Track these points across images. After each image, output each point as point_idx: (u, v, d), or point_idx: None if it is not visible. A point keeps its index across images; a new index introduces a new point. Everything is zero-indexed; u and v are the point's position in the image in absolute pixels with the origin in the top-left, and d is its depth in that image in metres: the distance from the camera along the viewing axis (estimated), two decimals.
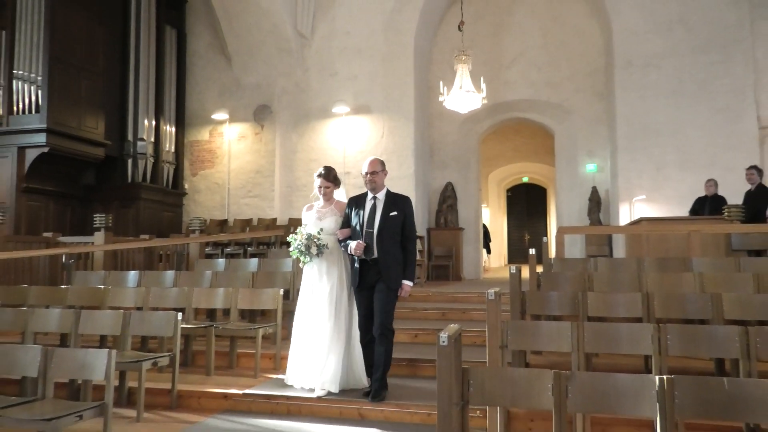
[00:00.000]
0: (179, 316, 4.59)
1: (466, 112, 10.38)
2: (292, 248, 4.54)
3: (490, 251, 16.98)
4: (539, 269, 5.74)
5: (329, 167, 4.77)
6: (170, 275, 6.41)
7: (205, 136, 12.14)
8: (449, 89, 9.77)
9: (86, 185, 11.05)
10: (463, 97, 9.68)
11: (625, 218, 10.09)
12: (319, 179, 4.68)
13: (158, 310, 5.26)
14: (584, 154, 11.63)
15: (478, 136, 12.69)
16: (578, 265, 6.03)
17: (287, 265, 6.50)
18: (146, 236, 9.16)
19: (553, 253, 7.47)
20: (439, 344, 2.57)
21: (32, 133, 9.42)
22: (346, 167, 10.95)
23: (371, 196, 4.50)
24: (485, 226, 15.33)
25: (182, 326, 4.75)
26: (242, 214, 11.65)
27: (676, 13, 10.27)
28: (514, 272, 4.80)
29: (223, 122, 11.95)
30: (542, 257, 6.18)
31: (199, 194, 12.09)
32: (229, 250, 10.12)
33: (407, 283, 4.41)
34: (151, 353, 4.80)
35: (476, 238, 12.63)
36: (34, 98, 9.50)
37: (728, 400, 2.41)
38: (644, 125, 10.24)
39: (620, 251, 9.66)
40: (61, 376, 3.80)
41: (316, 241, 4.47)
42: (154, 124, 11.39)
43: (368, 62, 11.35)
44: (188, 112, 12.25)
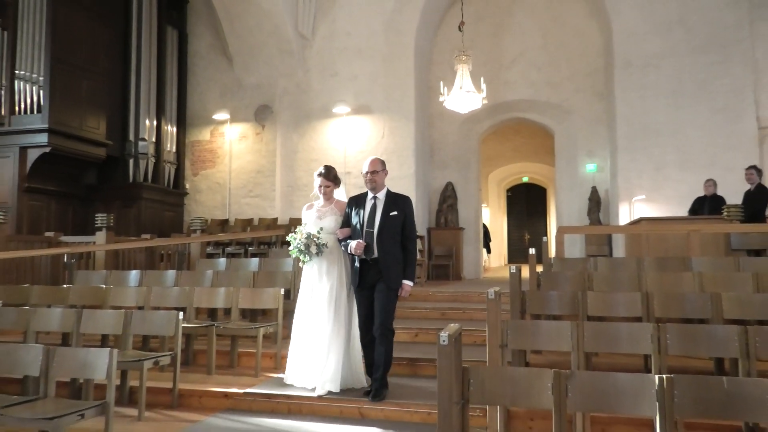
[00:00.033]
0: (180, 315, 4.60)
1: (466, 112, 10.40)
2: (291, 247, 4.53)
3: (490, 251, 16.99)
4: (539, 269, 5.74)
5: (329, 166, 4.76)
6: (171, 275, 6.42)
7: (206, 136, 12.17)
8: (449, 89, 9.79)
9: (88, 185, 11.08)
10: (463, 97, 9.70)
11: (624, 218, 10.10)
12: (319, 178, 4.67)
13: (159, 309, 5.27)
14: (584, 154, 11.64)
15: (478, 136, 12.70)
16: (578, 264, 6.04)
17: (288, 264, 6.50)
18: (147, 236, 9.17)
19: (553, 252, 7.47)
20: (439, 343, 2.58)
21: (34, 133, 9.46)
22: (346, 167, 10.96)
23: (371, 195, 4.49)
24: (485, 225, 15.33)
25: (183, 325, 4.76)
26: (243, 213, 11.67)
27: (675, 13, 10.27)
28: (514, 272, 4.79)
29: (224, 122, 11.97)
30: (542, 257, 6.17)
31: (200, 194, 12.11)
32: (230, 249, 10.14)
33: (407, 282, 4.40)
34: (152, 352, 4.80)
35: (476, 237, 12.65)
36: (35, 98, 9.53)
37: (727, 399, 2.42)
38: (644, 125, 10.25)
39: (620, 251, 9.67)
40: (62, 375, 3.80)
41: (315, 240, 4.45)
42: (155, 124, 11.41)
43: (369, 63, 11.36)
44: (189, 112, 12.28)
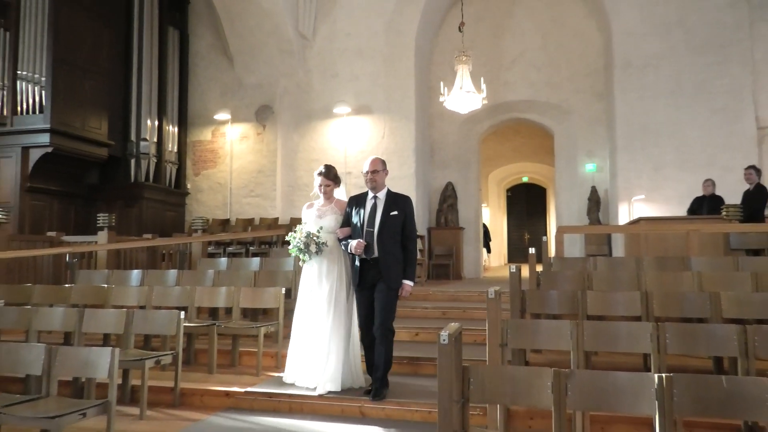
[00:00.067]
0: (182, 314, 4.61)
1: (466, 112, 10.42)
2: (291, 246, 4.53)
3: (490, 250, 17.01)
4: (539, 268, 5.76)
5: (330, 166, 4.75)
6: (173, 274, 6.43)
7: (207, 136, 12.18)
8: (450, 90, 9.81)
9: (90, 185, 11.10)
10: (463, 97, 9.72)
11: (624, 218, 10.12)
12: (319, 177, 4.66)
13: (161, 308, 5.28)
14: (583, 154, 11.66)
15: (478, 136, 12.72)
16: (578, 264, 6.06)
17: (289, 264, 6.51)
18: (149, 235, 9.18)
19: (552, 252, 7.48)
20: (439, 343, 2.60)
21: (36, 133, 9.47)
22: (347, 167, 10.98)
23: (372, 195, 4.48)
24: (485, 225, 15.35)
25: (185, 325, 4.78)
26: (244, 213, 11.68)
27: (674, 14, 10.29)
28: (514, 271, 4.80)
29: (225, 122, 11.99)
30: (542, 256, 6.19)
31: (201, 194, 12.13)
32: (231, 249, 10.16)
33: (408, 282, 4.39)
34: (154, 352, 4.82)
35: (476, 237, 12.67)
36: (38, 99, 9.54)
37: (726, 398, 2.43)
38: (643, 125, 10.27)
39: (619, 250, 9.68)
40: (64, 374, 3.82)
41: (315, 239, 4.44)
42: (156, 124, 11.43)
43: (369, 63, 11.38)
44: (191, 112, 12.29)
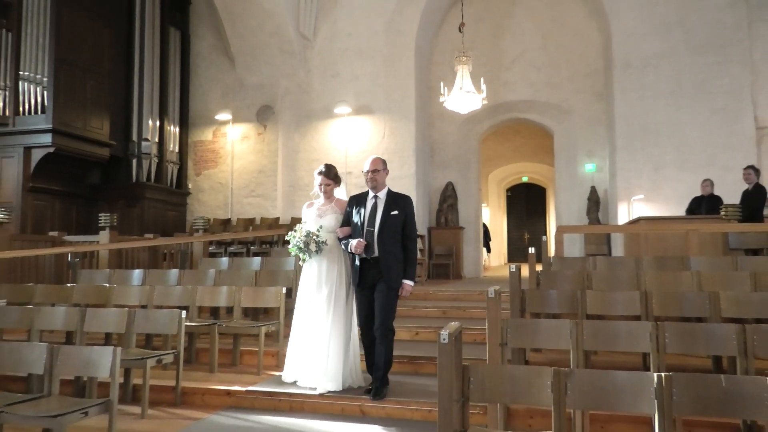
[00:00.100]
0: (183, 314, 4.63)
1: (466, 112, 10.43)
2: (291, 245, 4.53)
3: (490, 250, 17.03)
4: (539, 268, 5.77)
5: (330, 165, 4.74)
6: (174, 274, 6.44)
7: (208, 136, 12.20)
8: (450, 90, 9.82)
9: (91, 185, 11.12)
10: (463, 97, 9.73)
11: (623, 217, 10.14)
12: (319, 177, 4.65)
13: (162, 308, 5.29)
14: (583, 154, 11.67)
15: (478, 136, 12.73)
16: (577, 263, 6.07)
17: (290, 263, 6.53)
18: (150, 235, 9.22)
19: (552, 251, 7.49)
20: (439, 342, 2.61)
21: (38, 133, 9.49)
22: (347, 167, 10.99)
23: (372, 194, 4.48)
24: (485, 225, 15.37)
25: (186, 324, 4.80)
26: (245, 213, 11.70)
27: (674, 14, 10.30)
28: (513, 271, 4.80)
29: (226, 122, 12.01)
30: (542, 256, 6.19)
31: (202, 194, 12.16)
32: (232, 248, 10.17)
33: (408, 282, 4.38)
34: (155, 351, 4.83)
35: (476, 237, 12.68)
36: (40, 99, 9.56)
37: (725, 397, 2.45)
38: (643, 125, 10.28)
39: (619, 250, 9.69)
40: (66, 373, 3.84)
41: (314, 238, 4.44)
42: (158, 124, 11.45)
43: (370, 63, 11.40)
44: (192, 112, 12.31)
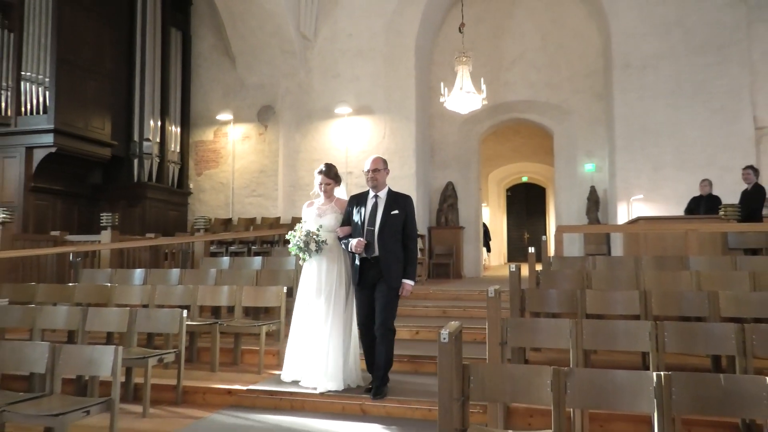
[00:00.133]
0: (184, 313, 4.65)
1: (466, 112, 10.45)
2: (291, 245, 4.52)
3: (490, 250, 17.05)
4: (538, 267, 5.78)
5: (330, 164, 4.74)
6: (175, 273, 6.45)
7: (209, 136, 12.23)
8: (450, 90, 9.84)
9: (93, 185, 11.14)
10: (463, 98, 9.75)
11: (623, 217, 10.16)
12: (319, 176, 4.65)
13: (164, 307, 5.30)
14: (583, 154, 11.69)
15: (478, 136, 12.75)
16: (577, 263, 6.09)
17: (290, 263, 6.55)
18: (152, 235, 9.24)
19: (552, 251, 7.51)
20: (440, 341, 2.62)
21: (40, 133, 9.51)
22: (348, 167, 11.02)
23: (373, 194, 4.47)
24: (485, 225, 15.39)
25: (187, 323, 4.81)
26: (246, 213, 11.72)
27: (673, 15, 10.32)
28: (513, 270, 4.80)
29: (227, 123, 12.04)
30: (541, 256, 6.20)
31: (203, 193, 12.18)
32: (233, 248, 10.17)
33: (408, 282, 4.38)
34: (156, 350, 4.84)
35: (476, 236, 12.70)
36: (41, 99, 9.58)
37: (724, 396, 2.46)
38: (642, 126, 10.30)
39: (618, 250, 9.71)
40: (68, 372, 3.85)
41: (314, 237, 4.43)
42: (159, 124, 11.47)
43: (370, 64, 11.41)
44: (193, 112, 12.33)
